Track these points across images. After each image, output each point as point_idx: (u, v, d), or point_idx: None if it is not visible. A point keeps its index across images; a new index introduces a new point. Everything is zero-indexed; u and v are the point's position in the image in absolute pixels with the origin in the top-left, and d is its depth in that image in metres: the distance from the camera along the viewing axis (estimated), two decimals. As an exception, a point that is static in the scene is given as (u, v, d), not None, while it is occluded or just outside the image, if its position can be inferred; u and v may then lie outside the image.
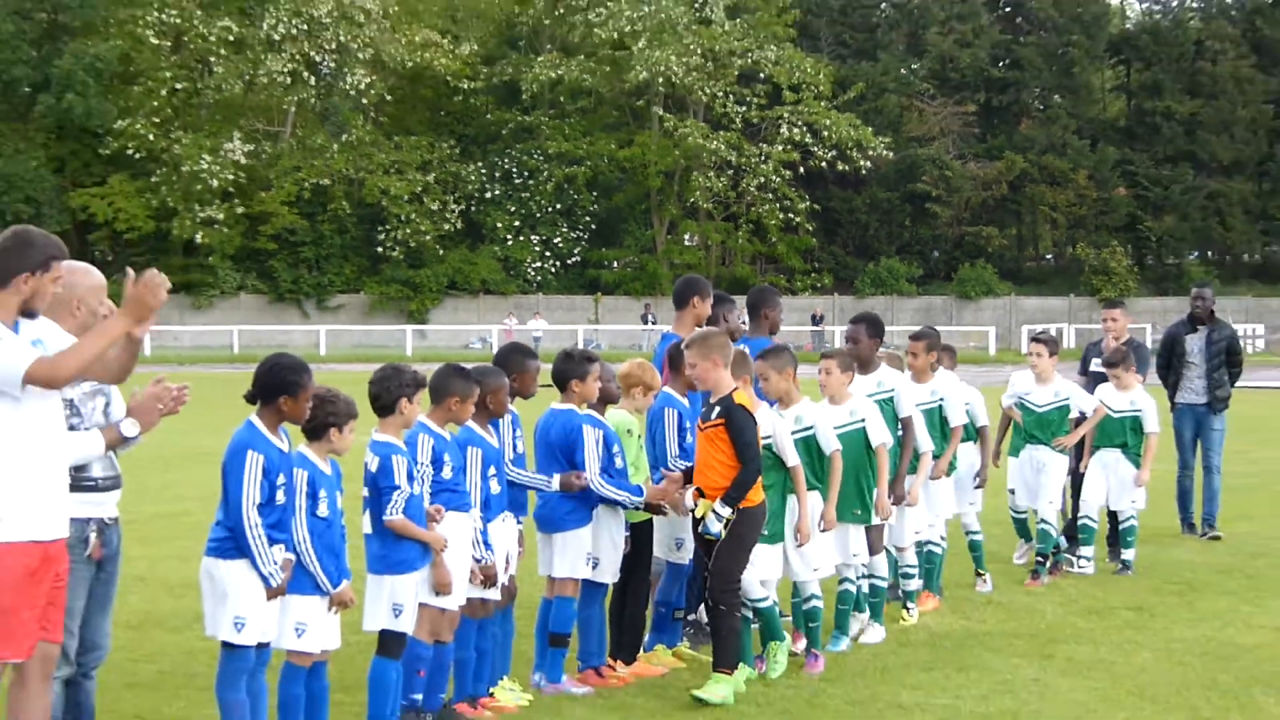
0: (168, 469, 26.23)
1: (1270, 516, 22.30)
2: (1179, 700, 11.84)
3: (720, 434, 11.72)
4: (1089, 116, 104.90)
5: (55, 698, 9.15)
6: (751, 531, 11.84)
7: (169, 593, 15.94)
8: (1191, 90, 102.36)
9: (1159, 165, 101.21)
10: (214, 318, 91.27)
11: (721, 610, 11.77)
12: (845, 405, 13.43)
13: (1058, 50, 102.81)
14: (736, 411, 11.69)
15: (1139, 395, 17.77)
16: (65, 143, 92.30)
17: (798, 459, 12.43)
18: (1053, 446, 16.98)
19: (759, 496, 11.85)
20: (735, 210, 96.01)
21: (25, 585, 8.30)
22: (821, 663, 12.66)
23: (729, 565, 11.75)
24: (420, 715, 10.95)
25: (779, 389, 12.86)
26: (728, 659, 11.72)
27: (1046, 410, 17.07)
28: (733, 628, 11.76)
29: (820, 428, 12.89)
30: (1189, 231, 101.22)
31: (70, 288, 9.13)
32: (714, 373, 11.83)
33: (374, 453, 10.56)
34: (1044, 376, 17.21)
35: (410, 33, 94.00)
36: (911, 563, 14.81)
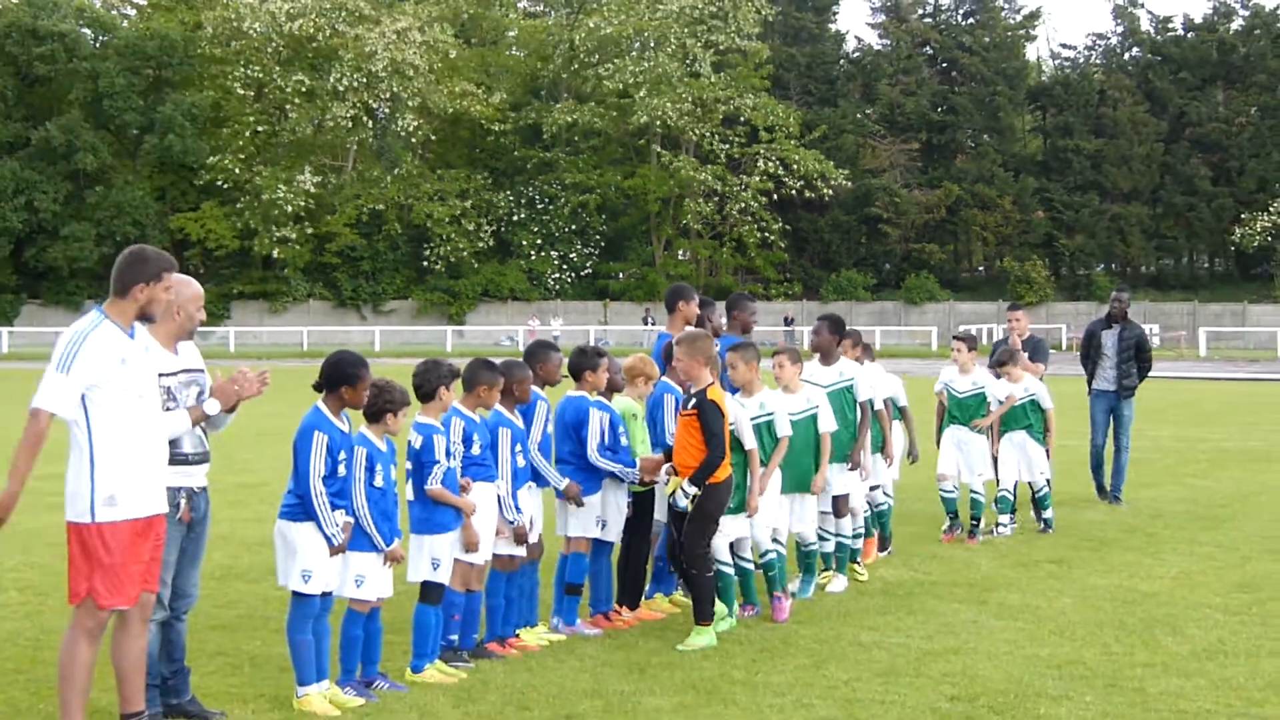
0: (248, 446, 26.15)
1: (1165, 484, 22.25)
2: (1093, 638, 11.77)
3: (694, 421, 11.61)
4: (1012, 152, 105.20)
5: (152, 637, 9.16)
6: (716, 506, 11.67)
7: (247, 549, 15.86)
8: (1096, 131, 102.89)
9: (1070, 193, 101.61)
10: (287, 320, 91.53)
11: (694, 574, 11.67)
12: (801, 394, 13.19)
13: (986, 98, 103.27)
14: (708, 405, 11.57)
15: (1030, 382, 17.61)
16: (166, 175, 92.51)
17: (754, 443, 12.19)
18: (970, 427, 16.97)
19: (724, 474, 11.67)
20: (720, 230, 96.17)
21: (132, 548, 8.43)
22: (787, 607, 12.51)
23: (695, 535, 11.61)
24: (457, 653, 10.92)
25: (744, 378, 12.62)
26: (705, 613, 11.59)
27: (966, 396, 17.08)
28: (705, 584, 11.61)
29: (778, 414, 12.68)
30: (1096, 247, 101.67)
31: (173, 296, 9.15)
32: (697, 370, 11.72)
33: (417, 432, 10.58)
34: (965, 368, 17.20)
35: (451, 84, 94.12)
36: (860, 525, 14.59)
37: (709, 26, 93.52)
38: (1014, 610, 12.87)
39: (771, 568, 12.59)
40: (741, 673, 10.65)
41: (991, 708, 9.68)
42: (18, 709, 9.64)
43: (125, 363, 8.43)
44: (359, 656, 10.11)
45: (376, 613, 10.19)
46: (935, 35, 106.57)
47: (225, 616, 12.50)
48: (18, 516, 18.08)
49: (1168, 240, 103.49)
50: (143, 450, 8.50)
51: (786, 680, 10.42)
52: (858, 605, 13.17)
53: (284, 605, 10.14)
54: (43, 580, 13.70)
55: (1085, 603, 13.23)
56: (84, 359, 8.27)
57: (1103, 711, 9.62)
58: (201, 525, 9.51)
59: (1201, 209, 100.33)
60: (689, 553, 11.63)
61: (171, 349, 9.33)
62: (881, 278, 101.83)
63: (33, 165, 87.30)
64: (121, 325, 8.52)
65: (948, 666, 10.80)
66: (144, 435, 8.50)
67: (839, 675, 10.53)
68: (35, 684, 10.17)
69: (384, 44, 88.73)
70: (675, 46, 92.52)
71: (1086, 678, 10.48)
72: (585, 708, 9.70)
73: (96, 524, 8.29)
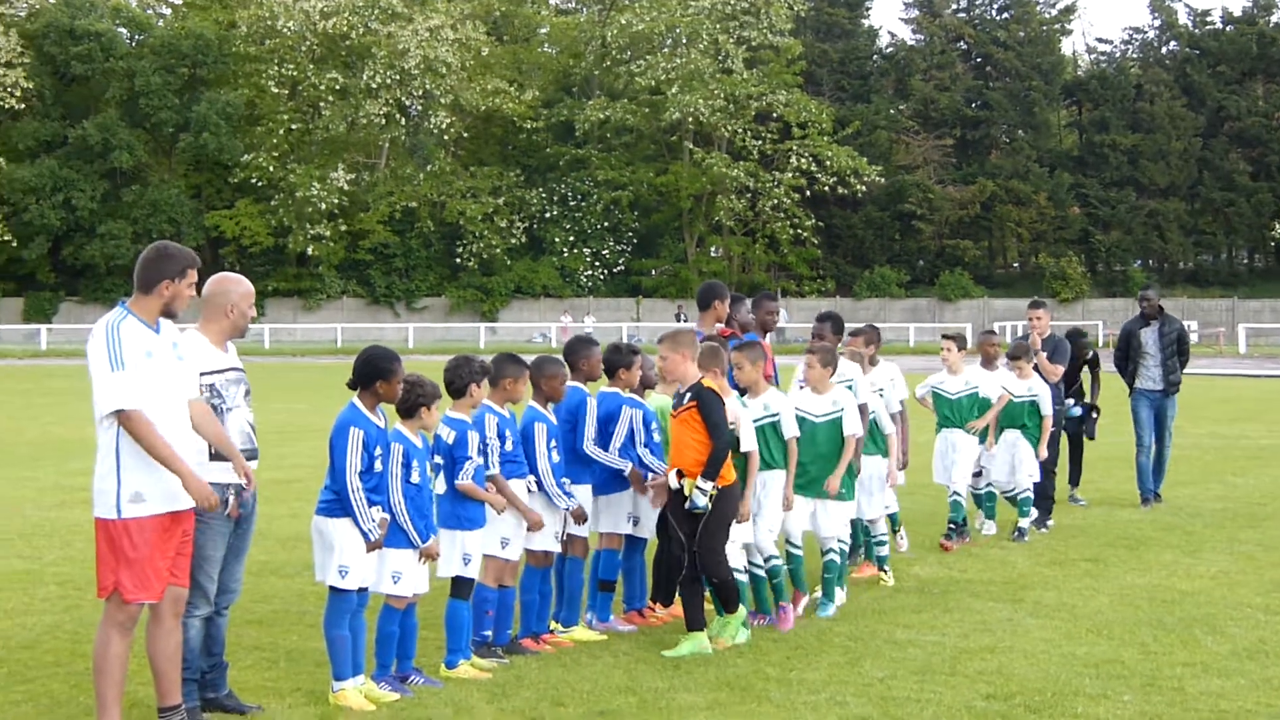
0: (283, 442, 26.24)
1: (1203, 482, 22.10)
2: (1130, 637, 11.72)
3: (694, 415, 11.22)
4: (1047, 148, 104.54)
5: (195, 632, 9.28)
6: (729, 508, 11.33)
7: (283, 545, 15.94)
8: (1133, 126, 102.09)
9: (1106, 188, 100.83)
10: (321, 317, 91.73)
11: (715, 583, 11.33)
12: (827, 395, 12.90)
13: (1021, 93, 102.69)
14: (706, 394, 11.24)
15: (1036, 383, 17.33)
16: (201, 174, 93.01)
17: (754, 445, 11.85)
18: (965, 429, 16.50)
19: (731, 476, 11.33)
20: (753, 227, 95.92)
21: (157, 544, 8.49)
22: (790, 616, 12.19)
23: (712, 541, 11.22)
24: (491, 649, 10.97)
25: (749, 378, 12.34)
26: (731, 603, 11.37)
27: (958, 397, 16.58)
28: (727, 584, 11.31)
29: (784, 415, 12.32)
30: (1132, 243, 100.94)
31: (224, 294, 9.44)
32: (682, 365, 11.50)
33: (450, 427, 10.61)
34: (955, 368, 16.73)
35: (483, 82, 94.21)
36: (883, 532, 14.38)
37: (741, 22, 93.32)
38: (1050, 609, 12.83)
39: (776, 574, 12.31)
40: (775, 670, 10.65)
41: (1028, 706, 9.66)
42: (57, 701, 9.72)
43: (151, 356, 8.49)
44: (394, 652, 10.14)
45: (412, 608, 10.23)
46: (969, 30, 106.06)
47: (261, 611, 12.56)
48: (58, 512, 18.25)
49: (1206, 236, 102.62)
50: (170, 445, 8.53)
51: (821, 677, 10.41)
52: (893, 603, 13.15)
53: (320, 600, 10.20)
54: (81, 574, 13.80)
55: (1122, 601, 13.17)
56: (128, 349, 8.36)
57: (1141, 711, 9.58)
58: (248, 521, 9.58)
59: (1240, 204, 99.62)
60: (707, 560, 11.24)
61: (222, 347, 9.40)
62: (915, 274, 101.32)
63: (70, 164, 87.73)
64: (145, 320, 8.59)
65: (983, 665, 10.77)
66: (170, 430, 8.53)
67: (874, 673, 10.52)
68: (74, 677, 10.25)
69: (417, 41, 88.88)
70: (707, 43, 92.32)
71: (1124, 677, 10.44)
72: (619, 704, 9.72)
73: (122, 520, 8.36)
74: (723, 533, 11.34)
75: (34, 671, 10.50)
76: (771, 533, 12.29)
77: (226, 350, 9.47)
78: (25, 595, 13.24)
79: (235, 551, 9.51)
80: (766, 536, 12.24)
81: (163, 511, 8.47)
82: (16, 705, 9.62)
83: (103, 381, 8.32)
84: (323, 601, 9.91)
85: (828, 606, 12.71)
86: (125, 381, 8.31)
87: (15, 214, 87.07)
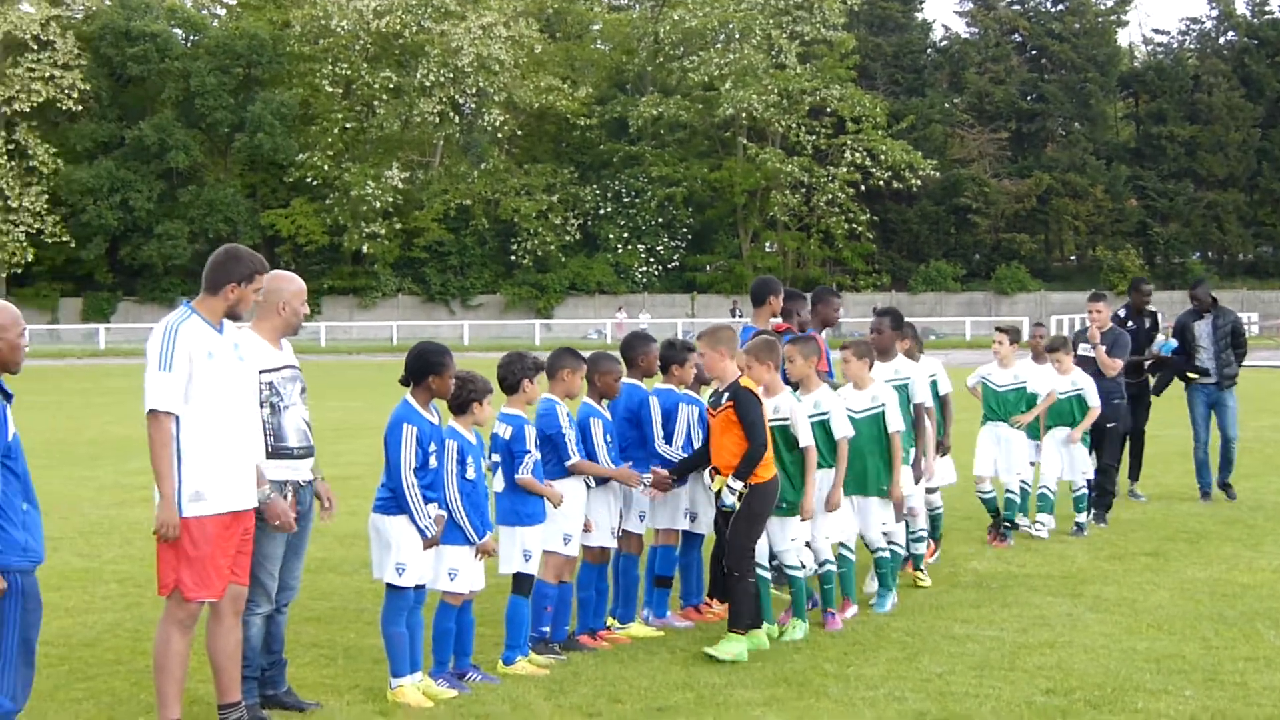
0: (339, 440, 26.34)
1: (1264, 475, 21.94)
2: (1192, 632, 11.64)
3: (731, 415, 11.00)
4: (1104, 140, 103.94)
5: (256, 630, 9.31)
6: (763, 506, 11.10)
7: (340, 543, 15.98)
8: (1191, 117, 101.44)
9: (1164, 180, 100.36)
10: (377, 315, 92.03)
11: (735, 577, 11.06)
12: (867, 391, 12.69)
13: (1077, 85, 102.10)
14: (743, 393, 11.01)
15: (1079, 375, 16.95)
16: (257, 173, 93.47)
17: (811, 440, 11.64)
18: (1010, 424, 16.30)
19: (769, 473, 11.08)
20: (808, 222, 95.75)
21: (218, 542, 8.53)
22: (839, 620, 11.98)
23: (742, 538, 11.02)
24: (549, 645, 10.96)
25: (801, 373, 12.08)
26: (741, 620, 10.99)
27: (1005, 390, 16.44)
28: (746, 592, 11.02)
29: (835, 414, 12.06)
30: (1191, 235, 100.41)
31: (276, 292, 9.42)
32: (720, 363, 11.26)
33: (506, 423, 10.64)
34: (1005, 361, 16.60)
35: (537, 79, 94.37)
36: (923, 526, 13.97)
37: (794, 17, 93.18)
38: (1110, 603, 12.76)
39: (829, 581, 12.09)
40: (833, 665, 10.63)
41: (1088, 701, 9.61)
42: (119, 699, 9.78)
43: (213, 356, 8.55)
44: (451, 649, 10.17)
45: (468, 605, 10.25)
46: (1024, 22, 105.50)
47: (320, 609, 12.61)
48: (117, 510, 18.35)
49: (1265, 227, 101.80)
50: (231, 445, 8.60)
51: (879, 673, 10.38)
52: (950, 598, 13.10)
53: (377, 598, 10.23)
54: (142, 572, 13.89)
55: (1183, 596, 13.08)
56: (180, 353, 8.39)
57: (1203, 706, 9.51)
58: (306, 519, 9.61)
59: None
60: (733, 555, 11.08)
61: (277, 344, 9.44)
62: (971, 268, 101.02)
63: (127, 164, 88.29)
64: (210, 320, 8.65)
65: (1042, 660, 10.72)
66: (232, 430, 8.59)
67: (932, 668, 10.49)
68: (135, 674, 10.32)
69: (470, 39, 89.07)
70: (760, 38, 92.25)
71: (1185, 671, 10.37)
72: (676, 700, 9.71)
73: (183, 518, 8.39)
74: (754, 528, 11.15)
75: (95, 669, 10.57)
76: (828, 537, 12.12)
77: (282, 348, 9.51)
78: (85, 593, 13.32)
79: (294, 549, 9.54)
80: (822, 540, 12.06)
81: (223, 510, 8.52)
82: (78, 703, 9.68)
83: (148, 379, 8.40)
84: (380, 599, 9.95)
85: (884, 601, 12.61)
86: (168, 383, 8.37)
87: (73, 215, 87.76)
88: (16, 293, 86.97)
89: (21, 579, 7.64)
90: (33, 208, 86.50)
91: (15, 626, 7.64)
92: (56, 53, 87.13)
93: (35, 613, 7.82)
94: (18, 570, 7.61)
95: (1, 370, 7.83)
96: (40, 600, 7.91)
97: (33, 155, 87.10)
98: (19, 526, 7.67)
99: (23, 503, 7.76)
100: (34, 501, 7.92)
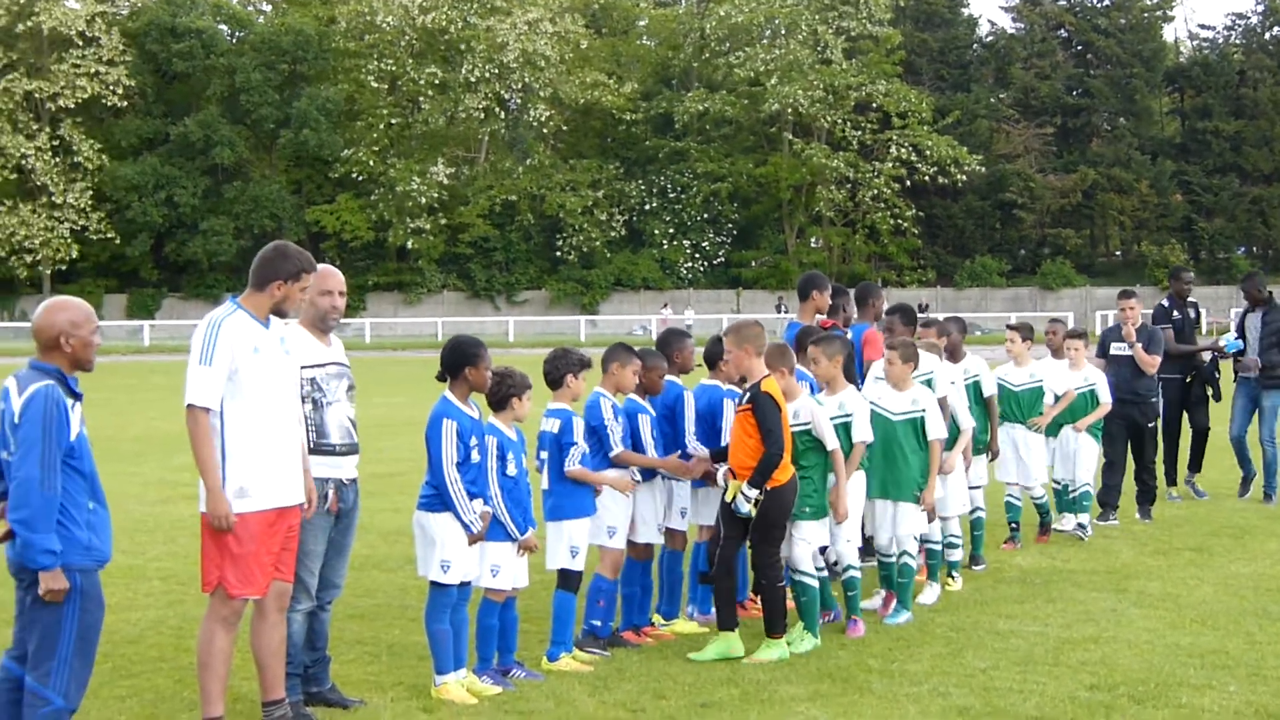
0: (383, 436, 26.41)
1: (1312, 471, 21.71)
2: (1236, 627, 11.60)
3: (749, 417, 10.69)
4: (1149, 135, 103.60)
5: (298, 627, 9.30)
6: (780, 511, 10.79)
7: (384, 539, 16.03)
8: (1236, 112, 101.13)
9: (1209, 175, 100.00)
10: (422, 311, 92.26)
11: (764, 585, 10.90)
12: (907, 393, 12.37)
13: (1122, 81, 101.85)
14: (762, 398, 10.65)
15: (1091, 371, 16.41)
16: (302, 169, 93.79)
17: (836, 443, 11.40)
18: (1028, 426, 15.57)
19: (785, 476, 10.75)
20: (853, 217, 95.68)
21: (262, 539, 8.54)
22: (861, 627, 11.67)
23: (761, 544, 10.80)
24: (596, 640, 10.97)
25: (827, 374, 11.73)
26: (777, 626, 10.83)
27: (1021, 390, 15.68)
28: (776, 598, 10.80)
29: (857, 417, 11.75)
30: (1236, 230, 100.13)
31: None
32: (747, 360, 10.96)
33: (553, 417, 10.65)
34: (1020, 360, 15.83)
35: (582, 75, 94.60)
36: (956, 532, 13.44)
37: (840, 13, 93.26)
38: (1154, 599, 12.71)
39: (852, 586, 11.79)
40: (878, 661, 10.62)
41: (1132, 697, 9.57)
42: (162, 696, 9.81)
43: (258, 352, 8.55)
44: (495, 645, 10.18)
45: (512, 602, 10.26)
46: (1069, 18, 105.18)
47: (364, 605, 12.63)
48: (162, 507, 18.43)
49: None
50: (275, 441, 8.61)
51: (923, 669, 10.37)
52: (995, 593, 13.07)
53: (421, 595, 10.25)
54: (185, 569, 13.95)
55: (1227, 591, 13.03)
56: (222, 348, 8.40)
57: (1247, 701, 9.48)
58: (350, 516, 9.61)
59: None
60: (760, 563, 10.92)
61: (325, 341, 9.45)
62: (1016, 263, 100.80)
63: (172, 161, 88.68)
64: (256, 315, 8.65)
65: (1086, 655, 10.69)
66: (277, 426, 8.60)
67: (976, 664, 10.47)
68: (179, 671, 10.35)
69: (515, 35, 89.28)
70: (806, 33, 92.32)
71: (1229, 667, 10.33)
72: (721, 696, 9.71)
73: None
74: (773, 534, 10.89)
75: (138, 666, 10.61)
76: (850, 542, 11.77)
77: (330, 344, 9.52)
78: (129, 590, 13.36)
79: (338, 547, 9.55)
80: (847, 546, 11.76)
81: (268, 507, 8.52)
82: (121, 700, 9.72)
83: (189, 374, 8.42)
84: (424, 596, 9.97)
85: (899, 614, 12.12)
86: (207, 378, 8.37)
87: (118, 211, 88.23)
88: (61, 289, 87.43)
89: (82, 578, 7.65)
90: (77, 204, 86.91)
91: (74, 625, 7.65)
92: (101, 49, 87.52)
93: (95, 613, 7.81)
94: (78, 569, 7.62)
95: (74, 368, 7.84)
96: (102, 601, 7.91)
97: (77, 151, 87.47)
98: (82, 526, 7.69)
99: (89, 501, 7.77)
100: (102, 500, 7.92)
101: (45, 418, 7.52)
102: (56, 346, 7.76)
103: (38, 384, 7.60)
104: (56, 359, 7.78)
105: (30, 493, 7.44)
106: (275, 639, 8.81)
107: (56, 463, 7.53)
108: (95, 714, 9.28)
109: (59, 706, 7.64)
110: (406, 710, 9.46)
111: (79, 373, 7.88)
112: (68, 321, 7.79)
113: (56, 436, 7.54)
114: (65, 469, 7.59)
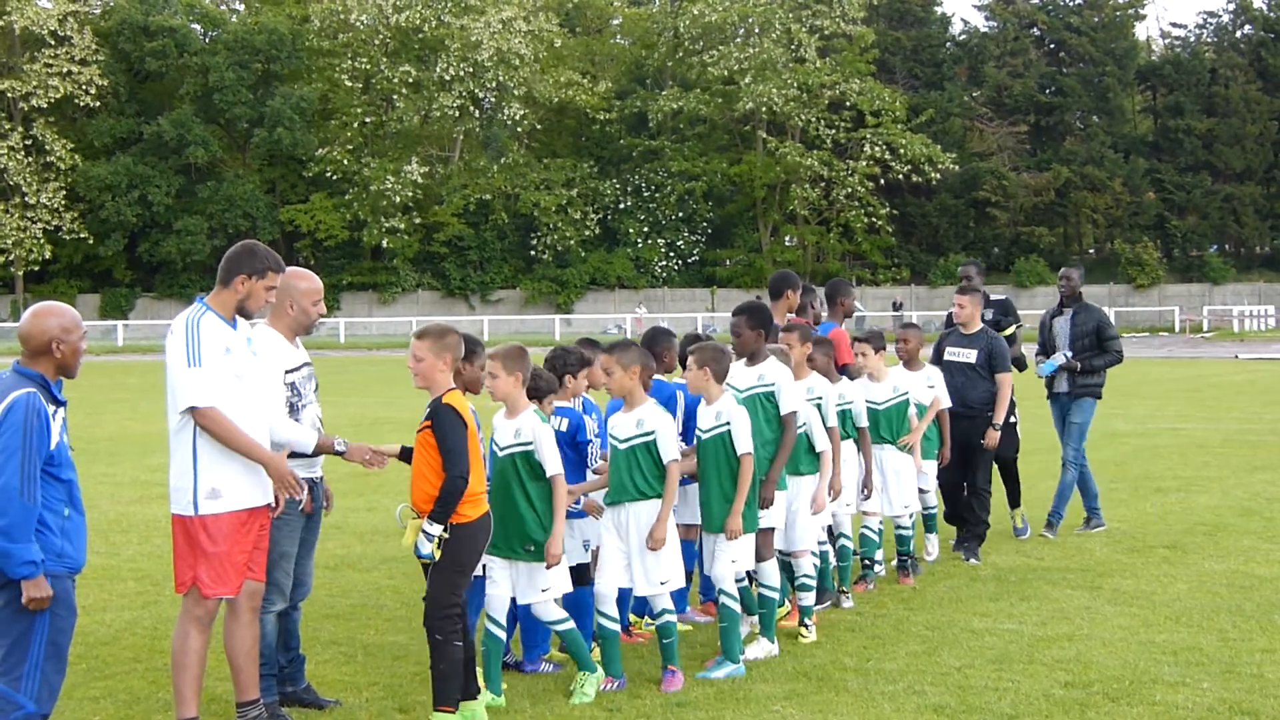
0: (357, 436, 26.09)
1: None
2: (1209, 624, 11.63)
3: (428, 438, 8.83)
4: (1122, 134, 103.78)
5: (271, 627, 9.31)
6: (469, 553, 8.93)
7: (359, 539, 16.00)
8: (1208, 110, 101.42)
9: (1182, 173, 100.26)
10: (396, 310, 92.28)
11: (438, 640, 8.83)
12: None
13: (1095, 79, 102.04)
14: (443, 411, 8.82)
15: (933, 371, 14.58)
16: (276, 168, 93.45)
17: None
18: (898, 446, 13.71)
19: (476, 511, 8.92)
20: (827, 216, 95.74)
21: (235, 539, 8.53)
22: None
23: (442, 590, 8.84)
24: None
25: (622, 388, 10.22)
26: (447, 696, 8.88)
27: (888, 407, 13.69)
28: (452, 658, 8.85)
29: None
30: (1208, 228, 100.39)
31: (287, 290, 9.33)
32: (440, 373, 9.06)
33: (562, 416, 10.58)
34: (877, 374, 13.71)
35: (556, 74, 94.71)
36: (809, 572, 11.61)
37: (814, 11, 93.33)
38: (1128, 596, 12.74)
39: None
40: (853, 660, 10.62)
41: (1106, 694, 9.59)
42: (136, 697, 9.79)
43: (229, 352, 8.52)
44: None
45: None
46: (1042, 16, 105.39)
47: (339, 606, 12.60)
48: (136, 507, 18.37)
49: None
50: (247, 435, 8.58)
51: (898, 667, 10.37)
52: (970, 592, 13.09)
53: (396, 595, 10.25)
54: (159, 570, 13.91)
55: (1201, 588, 13.06)
56: (207, 346, 8.39)
57: (1220, 698, 9.50)
58: (318, 515, 9.64)
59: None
60: (433, 613, 8.86)
61: (293, 343, 9.43)
62: (990, 262, 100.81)
63: (145, 160, 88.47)
64: (223, 316, 8.63)
65: (1061, 653, 10.71)
66: (247, 426, 8.55)
67: (951, 662, 10.48)
68: (153, 672, 10.33)
69: (489, 34, 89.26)
70: (780, 32, 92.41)
71: (1203, 664, 10.36)
72: (696, 695, 9.71)
73: (200, 516, 8.39)
74: (458, 580, 8.94)
75: (113, 667, 10.58)
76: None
77: (298, 345, 9.51)
78: (104, 591, 13.32)
79: (306, 546, 9.55)
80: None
81: (240, 508, 8.51)
82: (96, 701, 9.70)
83: (180, 378, 8.36)
84: (398, 596, 9.93)
85: (723, 665, 10.40)
86: (202, 378, 8.34)
87: (92, 211, 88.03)
88: (35, 289, 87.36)
89: (54, 585, 7.64)
90: (50, 204, 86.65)
91: (44, 631, 7.64)
92: (74, 48, 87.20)
93: (67, 619, 7.81)
94: (51, 576, 7.61)
95: (60, 374, 7.83)
96: (74, 608, 7.91)
97: (50, 151, 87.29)
98: (56, 533, 7.68)
99: (65, 509, 7.76)
100: (79, 508, 7.92)
101: (26, 426, 7.50)
102: (46, 352, 7.75)
103: (19, 391, 7.57)
104: (43, 365, 7.76)
105: (10, 502, 7.41)
106: (249, 639, 8.76)
107: (36, 472, 7.51)
108: (70, 715, 9.25)
109: (30, 711, 7.61)
110: (382, 710, 9.44)
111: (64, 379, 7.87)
112: (59, 328, 7.78)
113: (37, 445, 7.52)
114: (44, 476, 7.57)
